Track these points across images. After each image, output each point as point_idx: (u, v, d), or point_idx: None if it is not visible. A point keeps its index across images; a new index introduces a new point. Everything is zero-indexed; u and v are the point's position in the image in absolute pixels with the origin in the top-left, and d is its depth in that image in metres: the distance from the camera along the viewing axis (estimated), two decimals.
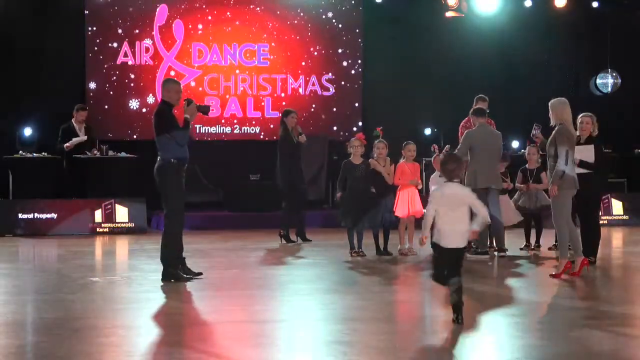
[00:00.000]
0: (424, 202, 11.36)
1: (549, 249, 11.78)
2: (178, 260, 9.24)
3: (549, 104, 9.56)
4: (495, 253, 11.08)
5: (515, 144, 16.83)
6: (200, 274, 9.35)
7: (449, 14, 16.61)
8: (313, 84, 17.66)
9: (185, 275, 9.18)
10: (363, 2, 17.79)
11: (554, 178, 9.27)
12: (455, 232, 6.82)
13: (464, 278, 6.93)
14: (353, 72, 17.83)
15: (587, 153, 10.17)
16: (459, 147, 11.10)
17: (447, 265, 6.84)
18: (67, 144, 14.80)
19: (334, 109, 17.74)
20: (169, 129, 9.02)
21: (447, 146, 12.02)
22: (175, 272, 9.13)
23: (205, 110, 9.36)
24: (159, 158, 9.14)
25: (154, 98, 16.90)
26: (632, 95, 18.05)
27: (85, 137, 14.96)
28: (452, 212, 6.82)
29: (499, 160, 11.19)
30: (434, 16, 17.09)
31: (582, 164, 10.06)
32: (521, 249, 11.91)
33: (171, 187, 9.07)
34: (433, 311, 8.01)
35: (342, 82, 17.79)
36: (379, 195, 11.17)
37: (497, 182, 11.10)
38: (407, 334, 6.84)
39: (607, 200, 16.08)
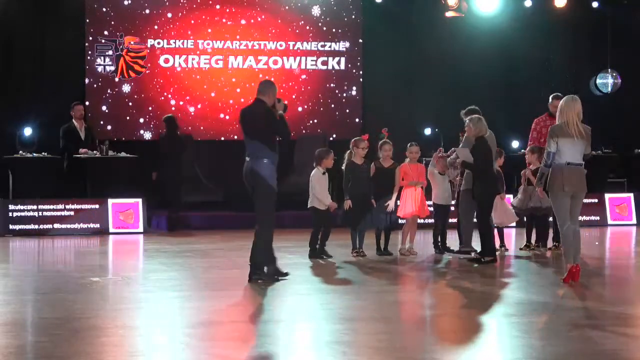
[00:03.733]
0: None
1: (549, 249, 11.77)
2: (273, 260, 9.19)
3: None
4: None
5: (515, 144, 16.81)
6: (287, 274, 9.21)
7: (449, 14, 16.61)
8: (313, 84, 17.66)
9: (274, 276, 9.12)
10: (363, 2, 17.80)
11: (537, 179, 9.26)
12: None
13: (464, 278, 6.94)
14: (353, 72, 17.82)
15: (465, 153, 10.41)
16: (460, 148, 10.99)
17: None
18: (82, 152, 14.68)
19: (334, 109, 17.74)
20: (276, 128, 9.10)
21: (452, 149, 12.01)
22: (278, 269, 9.11)
23: (285, 108, 9.38)
24: (254, 159, 9.17)
25: (152, 99, 16.93)
26: (632, 95, 18.04)
27: (96, 153, 14.77)
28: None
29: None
30: (434, 16, 17.09)
31: (465, 164, 10.45)
32: (521, 249, 11.92)
33: (268, 188, 9.07)
34: (433, 311, 8.02)
35: (342, 82, 17.78)
36: (382, 196, 11.16)
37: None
38: (407, 334, 6.85)
39: None
